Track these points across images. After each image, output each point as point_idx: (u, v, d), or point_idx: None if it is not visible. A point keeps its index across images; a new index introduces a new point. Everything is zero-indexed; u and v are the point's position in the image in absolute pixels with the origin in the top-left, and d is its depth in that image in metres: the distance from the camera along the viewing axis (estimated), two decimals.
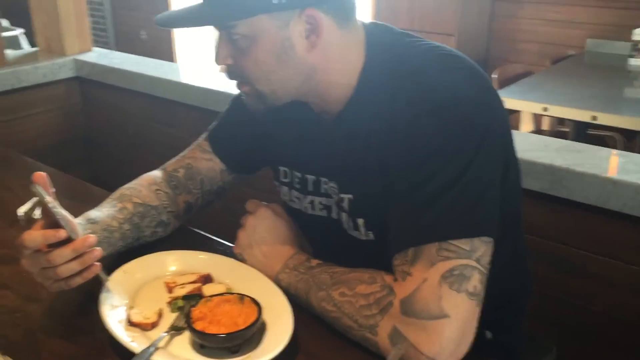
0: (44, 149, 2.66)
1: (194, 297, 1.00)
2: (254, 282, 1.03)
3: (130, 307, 0.98)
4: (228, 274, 1.07)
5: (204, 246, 1.18)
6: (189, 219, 1.28)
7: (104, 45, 5.93)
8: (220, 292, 1.01)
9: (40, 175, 0.96)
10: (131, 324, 0.94)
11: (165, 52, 5.38)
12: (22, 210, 0.90)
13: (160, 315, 0.97)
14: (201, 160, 1.25)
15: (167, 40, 5.35)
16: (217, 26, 0.97)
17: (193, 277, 1.05)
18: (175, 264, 1.10)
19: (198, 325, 0.91)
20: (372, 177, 1.00)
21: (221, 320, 0.92)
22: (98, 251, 0.95)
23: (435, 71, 0.96)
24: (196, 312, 0.93)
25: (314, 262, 1.03)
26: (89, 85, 2.67)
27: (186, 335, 0.93)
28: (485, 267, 0.89)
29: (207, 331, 0.90)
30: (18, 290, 1.07)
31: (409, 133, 0.92)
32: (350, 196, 1.06)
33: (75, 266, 0.93)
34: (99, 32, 5.91)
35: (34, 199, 0.96)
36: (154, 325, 0.95)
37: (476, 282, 0.87)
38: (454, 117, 0.91)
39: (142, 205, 1.16)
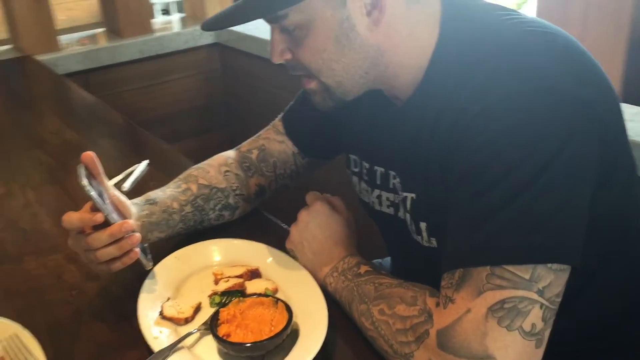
0: (184, 113, 2.77)
1: (234, 293, 0.94)
2: (300, 284, 0.95)
3: (168, 299, 0.93)
4: (277, 270, 0.99)
5: (271, 233, 1.11)
6: (261, 202, 1.21)
7: None
8: (261, 291, 0.93)
9: (88, 155, 0.94)
10: (163, 317, 0.90)
11: None
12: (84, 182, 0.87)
13: (197, 309, 0.92)
14: (274, 142, 1.17)
15: None
16: (267, 19, 0.87)
17: (240, 270, 0.98)
18: (227, 254, 1.04)
19: (223, 329, 0.84)
20: (435, 175, 0.86)
21: (249, 325, 0.85)
22: (136, 237, 0.91)
23: (517, 53, 0.79)
24: (224, 313, 0.86)
25: (364, 268, 0.91)
26: (228, 52, 2.70)
27: None
28: (552, 301, 0.72)
29: (232, 335, 0.83)
30: (82, 266, 1.07)
31: (473, 130, 0.76)
32: (413, 195, 0.92)
33: (113, 251, 0.90)
34: None
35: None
36: (187, 320, 0.90)
37: (536, 318, 0.71)
38: (528, 115, 0.73)
39: (207, 187, 1.12)
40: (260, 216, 1.21)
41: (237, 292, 0.94)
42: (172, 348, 0.83)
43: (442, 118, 0.83)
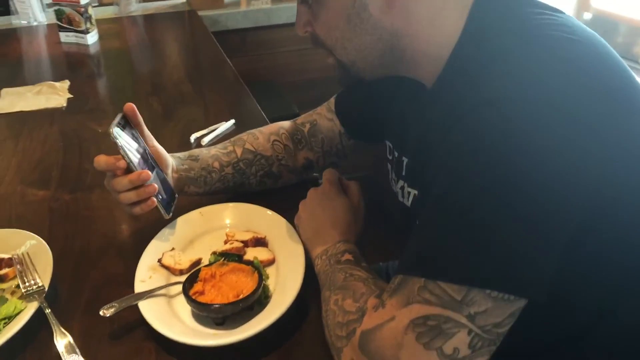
0: (332, 79, 2.82)
1: (231, 256, 0.98)
2: (292, 258, 0.96)
3: (172, 249, 1.00)
4: (280, 242, 1.01)
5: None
6: (311, 175, 1.23)
7: None
8: (253, 259, 0.96)
9: (129, 106, 1.03)
10: (161, 264, 0.97)
11: None
12: (112, 129, 0.97)
13: (195, 263, 0.98)
14: (325, 118, 1.18)
15: None
16: None
17: (248, 236, 1.02)
18: (247, 218, 1.08)
19: (198, 286, 0.89)
20: (430, 176, 0.81)
21: (222, 288, 0.88)
22: (153, 187, 0.98)
23: (526, 66, 0.70)
24: (204, 272, 0.91)
25: (346, 256, 0.90)
26: None
27: None
28: (487, 330, 0.66)
29: (205, 293, 0.88)
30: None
31: (453, 145, 0.70)
32: (415, 192, 0.88)
33: (132, 196, 0.98)
34: None
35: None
36: (182, 272, 0.96)
37: (460, 343, 0.66)
38: (503, 148, 0.65)
39: (251, 153, 1.16)
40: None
41: (234, 256, 0.98)
42: (149, 293, 0.89)
43: (449, 118, 0.77)
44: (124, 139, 0.98)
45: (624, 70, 0.75)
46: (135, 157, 0.99)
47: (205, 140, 1.42)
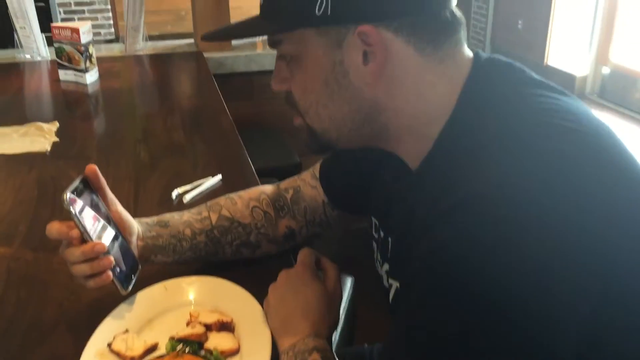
0: None
1: (191, 344, 0.87)
2: (259, 352, 0.85)
3: (126, 330, 0.90)
4: (249, 327, 0.90)
5: None
6: (292, 246, 1.12)
7: (481, 30, 5.81)
8: (213, 349, 0.85)
9: (91, 168, 0.94)
10: (111, 350, 0.86)
11: (539, 45, 4.98)
12: (66, 195, 0.87)
13: (150, 350, 0.87)
14: (308, 185, 1.08)
15: (543, 32, 4.93)
16: (268, 42, 0.78)
17: (213, 318, 0.91)
18: (217, 294, 0.97)
19: None
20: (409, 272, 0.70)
21: None
22: (108, 260, 0.89)
23: (521, 160, 0.61)
24: None
25: (314, 356, 0.79)
26: None
27: None
28: None
29: None
30: None
31: (432, 249, 0.61)
32: (397, 285, 0.78)
33: (85, 269, 0.89)
34: (479, 17, 5.79)
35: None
36: (132, 358, 0.85)
37: None
38: (463, 261, 0.56)
39: (228, 220, 1.06)
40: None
41: (194, 343, 0.87)
42: None
43: (432, 212, 0.65)
44: (80, 205, 0.88)
45: (629, 164, 0.65)
46: (91, 226, 0.89)
47: (188, 197, 1.33)
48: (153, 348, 0.87)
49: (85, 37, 2.09)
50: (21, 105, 1.97)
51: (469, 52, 0.75)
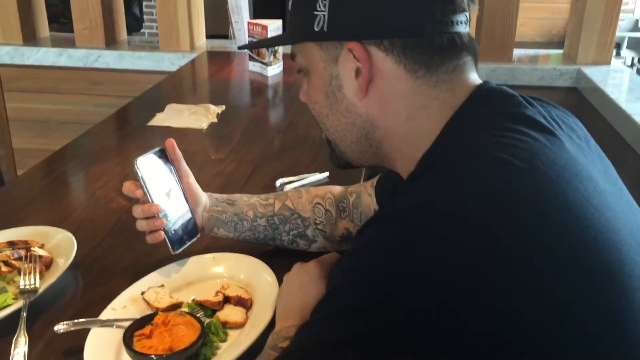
0: None
1: (205, 309, 0.97)
2: (257, 329, 0.91)
3: (162, 285, 1.02)
4: (263, 310, 0.96)
5: None
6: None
7: None
8: (226, 320, 0.94)
9: (170, 142, 1.08)
10: (143, 297, 0.99)
11: None
12: (137, 160, 1.02)
13: (175, 306, 0.98)
14: (366, 193, 1.11)
15: None
16: (290, 55, 0.85)
17: (236, 292, 0.99)
18: (250, 274, 1.05)
19: (146, 330, 0.89)
20: None
21: (165, 338, 0.87)
22: (160, 221, 1.02)
23: (448, 186, 0.63)
24: (159, 317, 0.90)
25: (285, 344, 0.83)
26: (584, 102, 2.42)
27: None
28: None
29: (152, 338, 0.88)
30: None
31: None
32: None
33: (143, 225, 1.03)
34: None
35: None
36: (158, 310, 0.97)
37: None
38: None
39: (289, 210, 1.13)
40: None
41: (208, 309, 0.96)
42: (103, 323, 0.92)
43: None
44: (149, 171, 1.02)
45: (561, 215, 0.60)
46: (155, 190, 1.03)
47: (288, 187, 1.42)
48: (177, 306, 0.98)
49: (272, 34, 2.30)
50: (207, 88, 2.25)
51: (472, 80, 0.74)
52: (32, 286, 0.99)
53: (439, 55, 0.71)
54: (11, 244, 1.11)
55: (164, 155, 1.07)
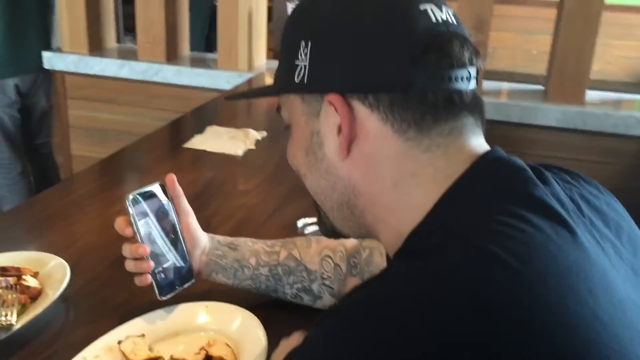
0: None
1: None
2: None
3: (143, 335, 0.93)
4: None
5: None
6: None
7: None
8: None
9: (170, 177, 1.00)
10: (119, 347, 0.91)
11: None
12: (130, 195, 0.95)
13: None
14: (378, 251, 0.99)
15: None
16: (277, 107, 0.76)
17: (219, 353, 0.89)
18: (245, 332, 0.94)
19: None
20: None
21: None
22: (147, 264, 0.94)
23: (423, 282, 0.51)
24: None
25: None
26: None
27: None
28: None
29: None
30: None
31: None
32: None
33: (130, 265, 0.96)
34: None
35: None
36: None
37: None
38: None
39: (295, 261, 1.03)
40: None
41: None
42: None
43: None
44: (142, 208, 0.95)
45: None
46: (145, 229, 0.95)
47: (308, 229, 1.32)
48: (155, 359, 0.89)
49: None
50: (255, 111, 2.18)
51: (474, 147, 0.62)
52: (7, 322, 0.93)
53: (433, 114, 0.60)
54: (2, 270, 1.06)
55: (163, 190, 0.99)
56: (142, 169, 1.66)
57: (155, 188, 0.98)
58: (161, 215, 0.97)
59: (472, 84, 0.63)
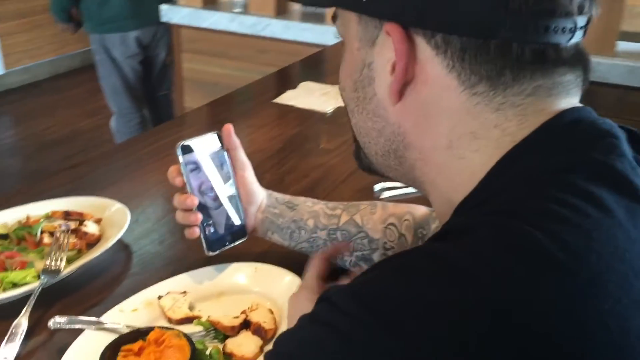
0: None
1: (215, 333, 0.81)
2: None
3: (184, 292, 0.88)
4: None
5: None
6: None
7: None
8: (231, 351, 0.78)
9: (227, 128, 0.94)
10: (159, 302, 0.87)
11: None
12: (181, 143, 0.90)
13: (188, 319, 0.84)
14: None
15: None
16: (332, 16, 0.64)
17: (258, 319, 0.82)
18: (285, 297, 0.87)
19: (137, 345, 0.76)
20: None
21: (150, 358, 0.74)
22: (194, 216, 0.89)
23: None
24: (155, 333, 0.77)
25: None
26: None
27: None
28: None
29: (133, 355, 0.75)
30: None
31: None
32: None
33: (179, 217, 0.91)
34: None
35: None
36: (171, 320, 0.84)
37: None
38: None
39: (356, 226, 0.93)
40: None
41: (219, 334, 0.81)
42: (99, 325, 0.81)
43: None
44: (194, 158, 0.89)
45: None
46: (196, 180, 0.89)
47: (385, 194, 1.21)
48: (191, 319, 0.84)
49: None
50: None
51: (562, 108, 0.49)
52: (56, 268, 0.91)
53: (514, 70, 0.48)
54: (67, 214, 1.05)
55: (218, 141, 0.92)
56: (226, 122, 1.61)
57: (211, 138, 0.92)
58: (214, 167, 0.91)
59: (577, 37, 0.49)
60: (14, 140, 4.15)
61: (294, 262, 0.94)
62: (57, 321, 0.81)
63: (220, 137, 0.92)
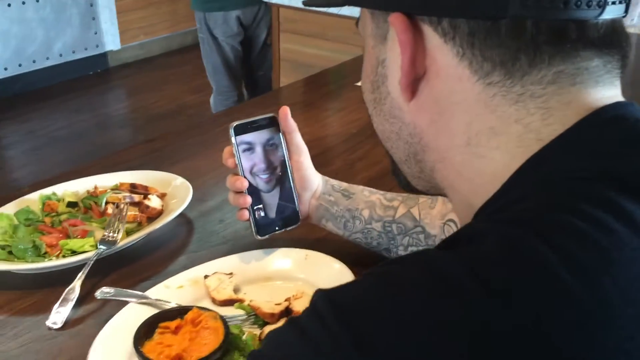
0: None
1: (254, 318, 0.80)
2: None
3: (231, 274, 0.87)
4: None
5: None
6: None
7: None
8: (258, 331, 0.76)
9: (283, 110, 0.91)
10: (205, 281, 0.86)
11: None
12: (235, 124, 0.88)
13: (231, 301, 0.83)
14: None
15: None
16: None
17: (299, 308, 0.80)
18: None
19: (175, 323, 0.76)
20: None
21: (183, 341, 0.74)
22: (244, 198, 0.88)
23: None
24: (193, 313, 0.77)
25: None
26: None
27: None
28: None
29: (170, 332, 0.76)
30: None
31: None
32: None
33: (230, 198, 0.91)
34: None
35: None
36: (214, 301, 0.84)
37: None
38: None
39: (412, 220, 0.89)
40: None
41: (259, 319, 0.80)
42: (141, 299, 0.82)
43: None
44: (247, 140, 0.88)
45: None
46: (248, 162, 0.88)
47: None
48: (234, 301, 0.83)
49: None
50: None
51: (596, 100, 0.43)
52: (112, 238, 0.93)
53: (529, 53, 0.42)
54: (133, 187, 1.08)
55: (274, 124, 0.90)
56: (304, 105, 1.60)
57: (267, 120, 0.90)
58: (269, 149, 0.89)
59: (611, 12, 0.42)
60: (125, 112, 4.37)
61: (349, 252, 0.91)
62: (104, 292, 0.82)
63: (276, 120, 0.90)
